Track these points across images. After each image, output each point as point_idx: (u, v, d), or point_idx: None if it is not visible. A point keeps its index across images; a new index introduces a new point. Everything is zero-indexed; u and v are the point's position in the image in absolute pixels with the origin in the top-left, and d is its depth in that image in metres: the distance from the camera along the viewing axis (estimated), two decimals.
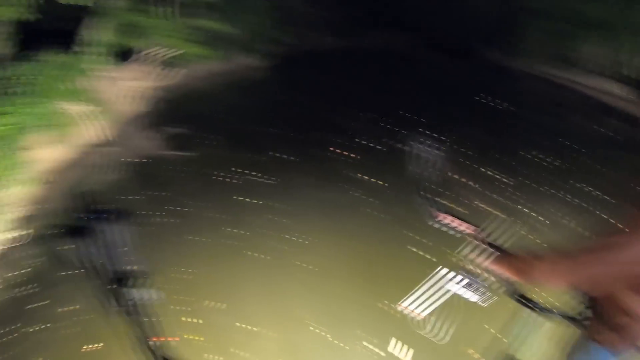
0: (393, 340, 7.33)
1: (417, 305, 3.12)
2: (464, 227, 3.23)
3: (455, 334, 3.67)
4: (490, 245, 3.00)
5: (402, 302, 3.18)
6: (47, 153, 13.00)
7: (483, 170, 12.43)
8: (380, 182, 11.45)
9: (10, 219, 10.44)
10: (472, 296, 3.00)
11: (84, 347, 7.46)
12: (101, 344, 7.42)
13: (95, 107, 14.42)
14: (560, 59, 23.05)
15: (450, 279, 2.99)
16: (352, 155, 12.97)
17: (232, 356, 7.31)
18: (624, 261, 2.22)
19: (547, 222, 10.12)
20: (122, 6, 15.69)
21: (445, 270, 3.00)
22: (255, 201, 10.96)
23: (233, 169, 12.31)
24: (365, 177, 11.63)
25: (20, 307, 8.45)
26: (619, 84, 20.65)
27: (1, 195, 10.65)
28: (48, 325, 7.94)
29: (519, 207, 10.72)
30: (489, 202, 10.71)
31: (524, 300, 3.10)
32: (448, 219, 3.30)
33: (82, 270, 2.50)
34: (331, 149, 13.16)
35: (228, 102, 18.25)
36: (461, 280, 2.94)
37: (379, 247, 9.31)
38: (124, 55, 16.71)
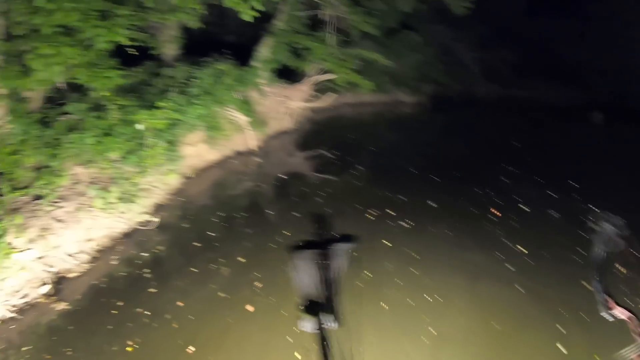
0: None
1: None
2: (627, 318, 2.69)
3: None
4: None
5: None
6: (196, 151, 13.18)
7: None
8: (533, 255, 9.66)
9: (146, 203, 10.48)
10: None
11: (177, 344, 6.96)
12: (194, 349, 6.88)
13: (251, 118, 14.50)
14: None
15: None
16: (504, 217, 11.24)
17: None
18: None
19: None
20: (289, 28, 15.86)
21: None
22: (389, 243, 9.86)
23: (370, 202, 11.39)
24: (518, 247, 9.90)
25: (130, 286, 8.31)
26: None
27: (144, 180, 10.78)
28: (149, 312, 7.62)
29: None
30: None
31: None
32: (619, 311, 2.78)
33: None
34: (482, 206, 11.61)
35: (377, 135, 17.60)
36: None
37: (518, 330, 7.61)
38: (285, 74, 16.86)
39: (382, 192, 12.06)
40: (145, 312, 7.59)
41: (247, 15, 10.22)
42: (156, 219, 10.17)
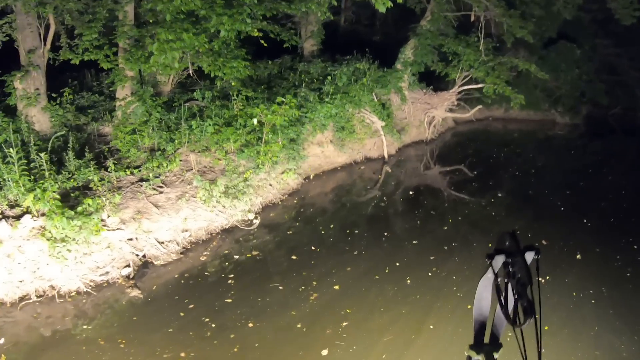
0: None
1: None
2: None
3: None
4: None
5: None
6: (323, 152, 11.45)
7: None
8: None
9: (254, 201, 8.93)
10: None
11: None
12: None
13: (387, 123, 12.33)
14: None
15: None
16: None
17: None
18: None
19: None
20: (435, 29, 13.28)
21: None
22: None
23: (511, 216, 8.60)
24: None
25: (208, 290, 6.86)
26: None
27: (257, 176, 9.27)
28: (215, 325, 6.10)
29: None
30: None
31: None
32: None
33: None
34: None
35: (524, 156, 14.21)
36: None
37: None
38: (429, 80, 14.40)
39: (520, 226, 9.00)
40: (212, 324, 6.17)
41: (381, 6, 8.20)
42: (257, 220, 8.54)
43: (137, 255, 7.44)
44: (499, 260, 1.97)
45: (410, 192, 10.87)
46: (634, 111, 18.34)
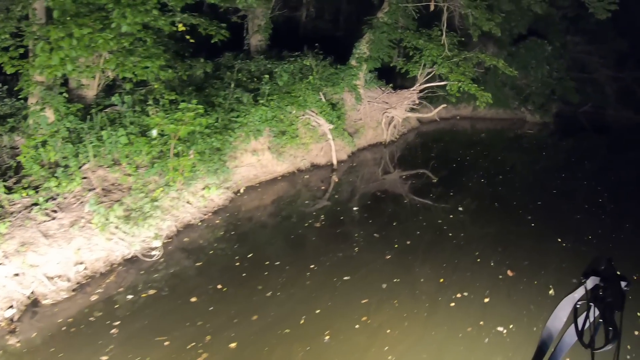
0: None
1: None
2: None
3: None
4: None
5: None
6: (260, 161, 10.24)
7: None
8: None
9: (162, 225, 7.74)
10: None
11: None
12: None
13: (335, 125, 11.10)
14: None
15: None
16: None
17: None
18: None
19: None
20: (393, 21, 11.98)
21: None
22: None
23: (472, 237, 7.61)
24: None
25: (87, 342, 5.68)
26: None
27: (169, 195, 8.10)
28: None
29: None
30: None
31: None
32: None
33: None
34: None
35: (491, 157, 13.13)
36: None
37: None
38: (390, 78, 13.19)
39: (481, 252, 7.79)
40: None
41: None
42: (157, 252, 7.35)
43: (24, 293, 6.38)
44: (592, 281, 1.82)
45: (355, 208, 9.65)
46: (604, 109, 17.88)
